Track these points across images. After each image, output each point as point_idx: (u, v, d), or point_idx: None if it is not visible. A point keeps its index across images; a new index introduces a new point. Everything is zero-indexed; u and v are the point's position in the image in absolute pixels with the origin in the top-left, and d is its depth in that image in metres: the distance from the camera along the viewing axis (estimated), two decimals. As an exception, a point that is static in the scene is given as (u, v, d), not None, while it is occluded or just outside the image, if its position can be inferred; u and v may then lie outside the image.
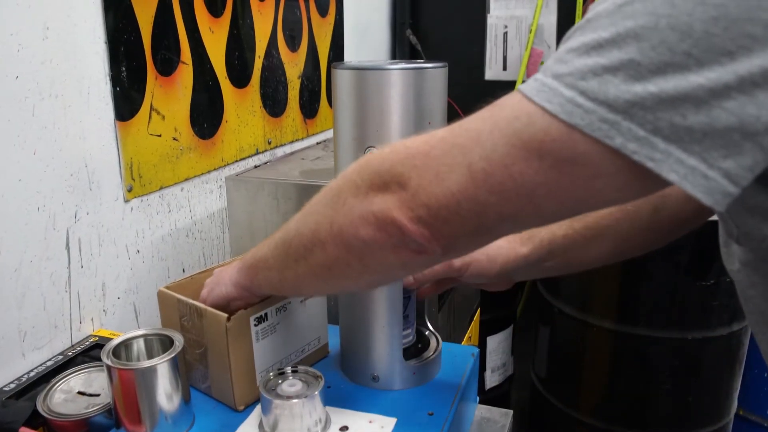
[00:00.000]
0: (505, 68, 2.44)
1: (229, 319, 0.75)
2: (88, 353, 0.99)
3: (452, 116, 0.80)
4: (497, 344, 2.01)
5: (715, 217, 0.63)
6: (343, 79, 0.74)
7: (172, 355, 0.73)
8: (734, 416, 1.90)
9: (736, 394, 1.86)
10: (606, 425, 1.85)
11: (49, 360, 0.97)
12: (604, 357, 1.83)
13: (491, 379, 2.10)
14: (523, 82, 2.41)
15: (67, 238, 1.01)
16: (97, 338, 1.03)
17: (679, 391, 1.77)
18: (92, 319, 1.07)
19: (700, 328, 1.68)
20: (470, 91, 1.88)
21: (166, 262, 1.23)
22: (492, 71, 2.46)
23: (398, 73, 0.71)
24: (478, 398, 1.00)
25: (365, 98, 0.72)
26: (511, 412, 0.99)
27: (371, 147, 0.73)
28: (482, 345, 1.99)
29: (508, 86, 2.49)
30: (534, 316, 2.13)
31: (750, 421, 2.11)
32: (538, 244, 0.77)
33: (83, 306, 1.05)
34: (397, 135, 0.73)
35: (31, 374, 0.93)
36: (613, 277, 1.73)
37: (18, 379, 0.92)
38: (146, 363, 0.72)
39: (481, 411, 0.98)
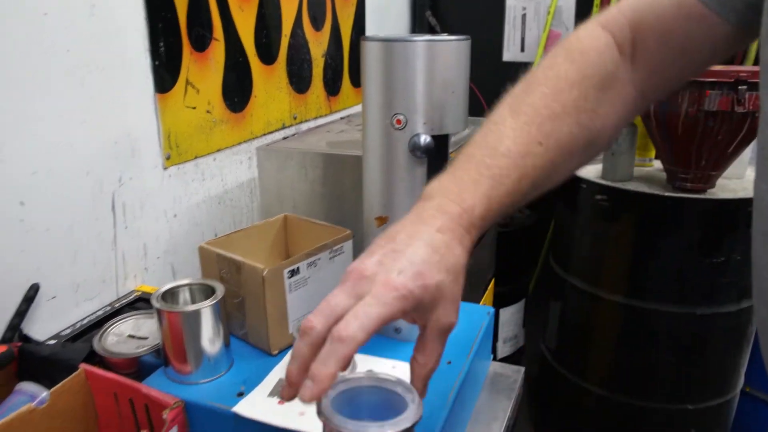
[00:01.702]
0: (523, 50, 2.49)
1: (265, 271, 0.83)
2: (132, 305, 1.07)
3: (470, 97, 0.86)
4: (510, 316, 2.08)
5: (722, 195, 0.63)
6: (371, 51, 0.81)
7: (215, 300, 0.81)
8: (741, 393, 1.96)
9: (742, 371, 1.92)
10: (613, 395, 1.92)
11: (99, 310, 1.06)
12: (613, 330, 1.89)
13: (503, 350, 2.17)
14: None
15: (113, 201, 1.09)
16: (140, 293, 1.12)
17: (685, 364, 1.83)
18: (135, 276, 1.16)
19: (709, 304, 1.74)
20: (488, 72, 1.93)
21: (200, 227, 1.31)
22: (510, 53, 2.51)
23: (423, 45, 0.78)
24: (492, 356, 1.07)
25: (392, 69, 0.79)
26: (522, 368, 1.06)
27: (398, 114, 0.80)
28: (495, 317, 2.06)
29: (525, 68, 2.54)
30: (545, 293, 2.20)
31: (757, 398, 2.16)
32: (488, 222, 0.61)
33: (127, 263, 1.14)
34: (422, 103, 0.80)
35: (84, 322, 1.02)
36: (624, 252, 1.79)
37: (73, 325, 1.01)
38: (192, 307, 0.81)
39: (495, 367, 1.06)
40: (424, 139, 0.81)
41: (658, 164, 1.88)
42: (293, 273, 0.87)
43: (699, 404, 1.87)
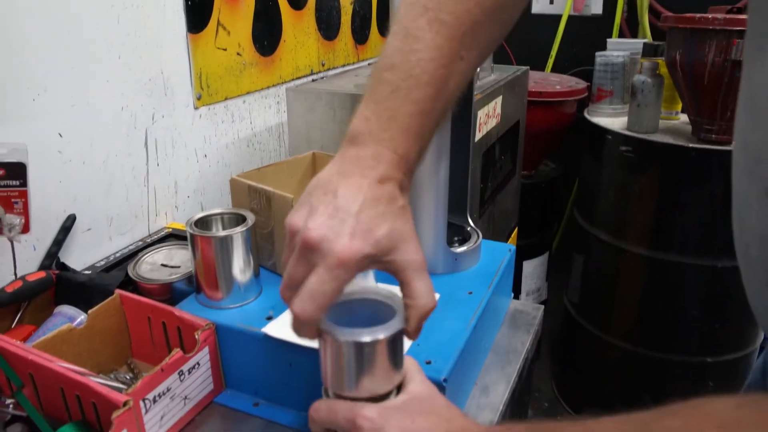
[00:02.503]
0: (551, 2, 2.46)
1: (294, 199, 0.85)
2: (163, 241, 1.11)
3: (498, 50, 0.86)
4: (533, 269, 2.10)
5: None
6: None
7: (246, 227, 0.84)
8: (760, 348, 1.96)
9: (763, 326, 1.92)
10: (635, 348, 1.94)
11: (131, 245, 1.10)
12: (636, 283, 1.90)
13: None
14: (569, 17, 2.44)
15: (146, 137, 1.12)
16: (170, 229, 1.15)
17: (707, 317, 1.84)
18: (165, 213, 1.19)
19: (731, 256, 1.73)
20: (516, 25, 1.92)
21: (229, 168, 1.34)
22: (539, 5, 2.48)
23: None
24: (512, 294, 1.10)
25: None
26: (542, 307, 1.08)
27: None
28: (518, 269, 2.08)
29: (554, 20, 2.51)
30: (568, 249, 2.21)
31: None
32: (422, 155, 0.60)
33: (159, 200, 1.17)
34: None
35: (117, 255, 1.06)
36: (648, 205, 1.79)
37: (106, 258, 1.05)
38: (224, 232, 0.83)
39: (515, 305, 1.08)
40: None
41: (684, 118, 1.87)
42: (321, 205, 0.89)
43: (718, 357, 1.88)
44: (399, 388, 0.58)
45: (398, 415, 0.52)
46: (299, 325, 0.53)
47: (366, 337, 0.53)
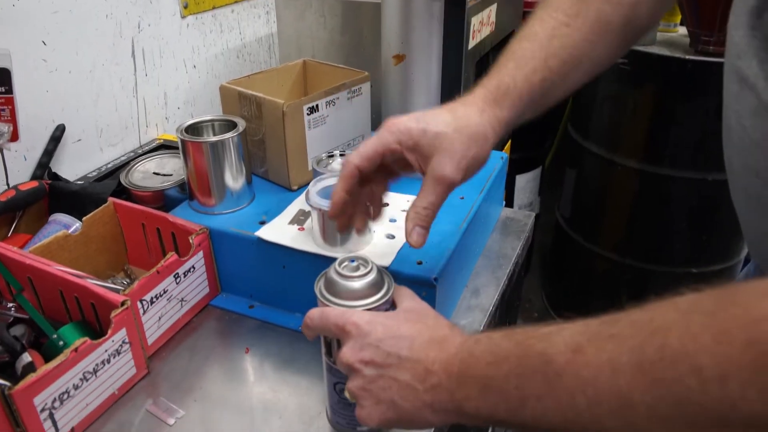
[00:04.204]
0: None
1: (285, 105, 0.85)
2: (154, 151, 1.10)
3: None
4: (525, 183, 2.11)
5: None
6: None
7: (237, 132, 0.84)
8: (744, 260, 2.00)
9: (749, 238, 1.95)
10: (623, 259, 1.98)
11: (123, 156, 1.09)
12: (626, 195, 1.92)
13: (518, 217, 2.21)
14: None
15: (133, 47, 1.10)
16: (161, 140, 1.15)
17: (695, 229, 1.86)
18: (156, 125, 1.18)
19: (722, 170, 1.74)
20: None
21: (219, 79, 1.32)
22: None
23: None
24: (504, 203, 1.11)
25: None
26: (533, 214, 1.09)
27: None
28: (510, 183, 2.09)
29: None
30: (562, 166, 2.21)
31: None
32: (517, 100, 0.64)
33: (148, 112, 1.16)
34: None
35: (109, 165, 1.06)
36: (643, 118, 1.78)
37: (98, 169, 1.05)
38: (215, 138, 0.83)
39: (506, 212, 1.09)
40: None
41: (682, 30, 1.83)
42: (312, 110, 0.88)
43: (703, 268, 1.92)
44: (393, 305, 0.60)
45: (386, 322, 0.55)
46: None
47: None
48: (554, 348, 0.43)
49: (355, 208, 0.68)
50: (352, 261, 0.59)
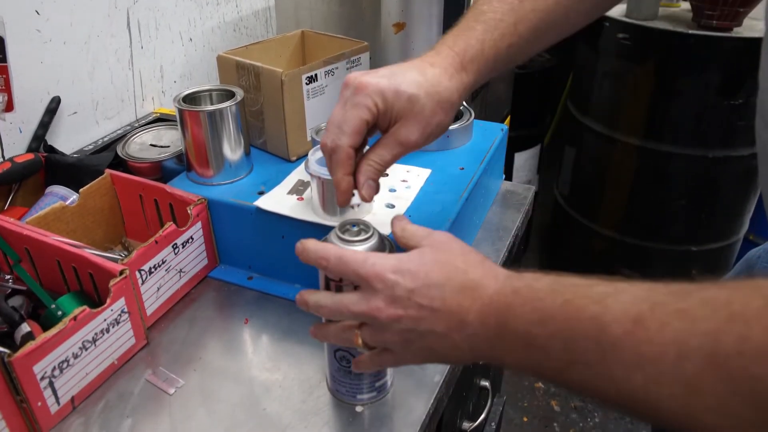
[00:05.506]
0: None
1: (284, 75, 0.83)
2: (151, 124, 1.09)
3: None
4: (524, 161, 2.10)
5: (748, 34, 0.56)
6: None
7: (235, 102, 0.83)
8: (743, 239, 2.00)
9: (748, 216, 1.95)
10: (622, 237, 1.98)
11: (119, 129, 1.08)
12: (626, 173, 1.91)
13: (516, 195, 2.20)
14: None
15: (128, 18, 1.08)
16: (158, 113, 1.13)
17: (694, 207, 1.86)
18: (152, 98, 1.17)
19: (723, 146, 1.74)
20: None
21: (215, 52, 1.29)
22: None
23: None
24: (504, 176, 1.10)
25: None
26: (533, 187, 1.08)
27: None
28: (509, 160, 2.08)
29: None
30: (561, 144, 2.20)
31: (758, 245, 2.20)
32: (483, 67, 0.64)
33: (145, 85, 1.15)
34: None
35: (105, 138, 1.05)
36: (643, 94, 1.77)
37: (95, 142, 1.04)
38: (212, 107, 0.82)
39: (506, 185, 1.08)
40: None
41: (685, 5, 1.82)
42: (311, 80, 0.87)
43: (702, 246, 1.92)
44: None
45: (414, 269, 0.50)
46: (333, 161, 0.61)
47: None
48: (610, 314, 0.39)
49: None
50: (354, 226, 0.59)
